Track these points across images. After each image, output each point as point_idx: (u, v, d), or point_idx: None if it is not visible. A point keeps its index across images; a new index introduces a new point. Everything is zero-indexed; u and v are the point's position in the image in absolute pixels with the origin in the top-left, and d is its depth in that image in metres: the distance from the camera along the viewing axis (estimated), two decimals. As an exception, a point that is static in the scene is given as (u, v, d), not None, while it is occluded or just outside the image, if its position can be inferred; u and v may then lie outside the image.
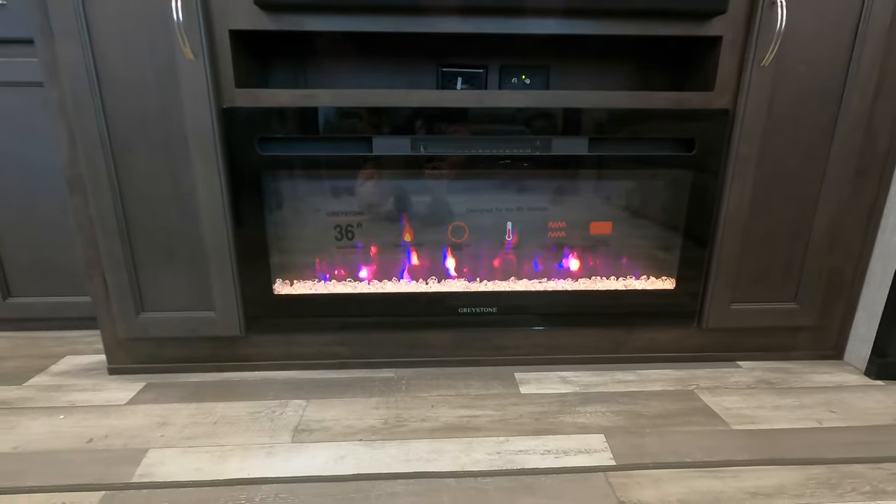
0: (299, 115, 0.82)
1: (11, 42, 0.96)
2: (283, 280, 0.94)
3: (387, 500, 0.64)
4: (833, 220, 0.91)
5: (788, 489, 0.67)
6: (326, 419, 0.81)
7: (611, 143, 0.87)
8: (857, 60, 0.82)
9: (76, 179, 0.84)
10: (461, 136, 0.85)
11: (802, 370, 0.98)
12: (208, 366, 0.96)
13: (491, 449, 0.74)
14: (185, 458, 0.72)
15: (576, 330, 0.98)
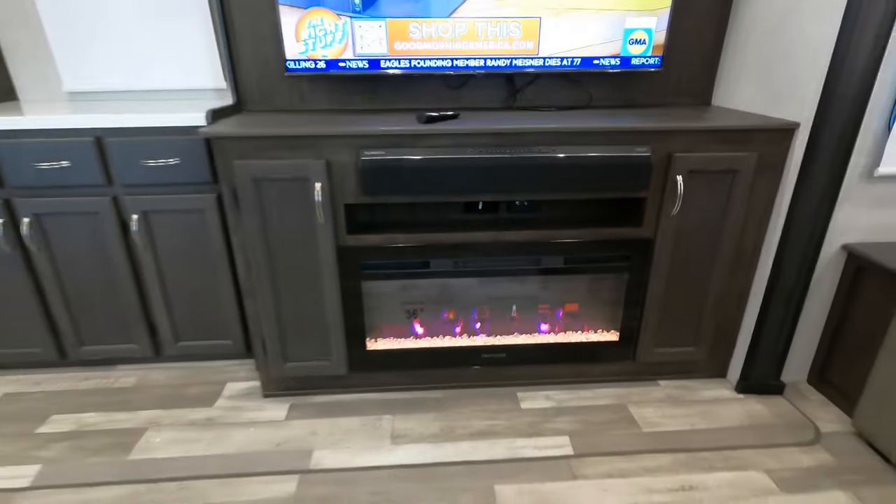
0: (384, 249, 1.33)
1: (185, 184, 1.44)
2: (371, 339, 1.48)
3: (450, 478, 1.21)
4: (717, 297, 1.45)
5: (665, 467, 1.24)
6: (406, 428, 1.38)
7: (579, 258, 1.40)
8: (731, 206, 1.34)
9: (250, 289, 1.36)
10: (484, 256, 1.37)
11: (697, 387, 1.55)
12: (326, 391, 1.52)
13: (505, 445, 1.32)
14: (336, 454, 1.29)
15: (555, 365, 1.54)
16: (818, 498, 1.16)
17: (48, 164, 1.39)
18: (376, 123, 1.28)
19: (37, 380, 1.61)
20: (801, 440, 1.33)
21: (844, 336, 1.43)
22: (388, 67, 1.43)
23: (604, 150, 1.24)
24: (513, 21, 1.40)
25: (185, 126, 1.37)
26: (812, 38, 1.21)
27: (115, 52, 1.77)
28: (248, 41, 1.53)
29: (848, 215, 1.33)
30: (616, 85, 1.60)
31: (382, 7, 1.36)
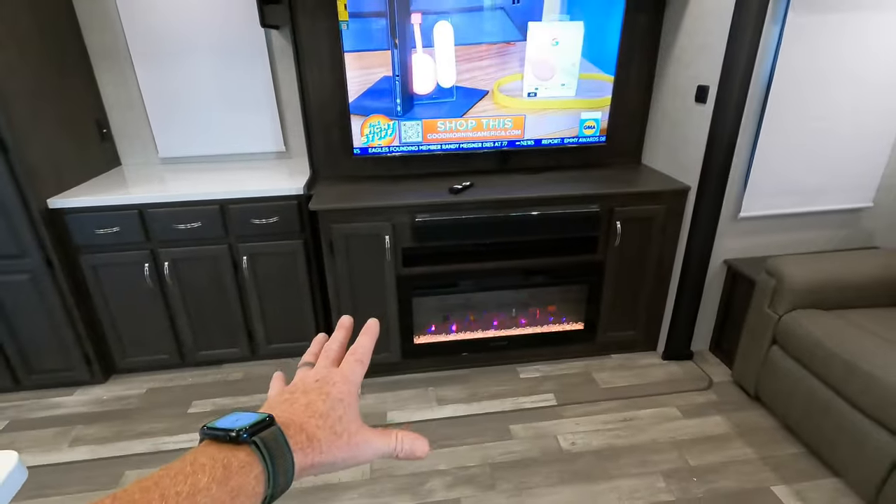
0: (427, 275, 1.99)
1: (281, 234, 2.05)
2: (417, 336, 2.14)
3: (480, 423, 1.89)
4: (647, 297, 2.18)
5: (614, 408, 1.96)
6: (446, 395, 2.05)
7: (555, 276, 2.09)
8: (652, 239, 2.05)
9: (337, 307, 1.99)
10: (493, 277, 2.05)
11: (636, 358, 2.28)
12: (386, 374, 2.17)
13: (512, 402, 2.00)
14: (402, 414, 1.94)
15: (541, 348, 2.24)
16: (705, 420, 1.90)
17: (184, 225, 1.98)
18: (420, 194, 1.93)
19: (168, 378, 2.20)
20: (699, 387, 2.08)
21: (729, 319, 2.18)
22: (423, 151, 2.08)
23: (570, 207, 1.93)
24: (506, 118, 2.07)
25: (284, 195, 1.98)
26: (695, 136, 1.93)
27: (199, 126, 2.34)
28: (320, 131, 2.14)
29: (724, 243, 2.07)
30: (575, 154, 2.29)
31: (417, 112, 2.01)
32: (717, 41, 1.77)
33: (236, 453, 0.31)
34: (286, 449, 0.33)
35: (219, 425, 0.32)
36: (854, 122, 1.90)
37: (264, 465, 0.31)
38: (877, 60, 1.80)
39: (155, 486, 0.28)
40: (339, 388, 0.39)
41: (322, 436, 0.36)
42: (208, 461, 0.30)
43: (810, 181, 1.98)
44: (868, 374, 1.47)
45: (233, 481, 0.30)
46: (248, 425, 0.32)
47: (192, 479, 0.29)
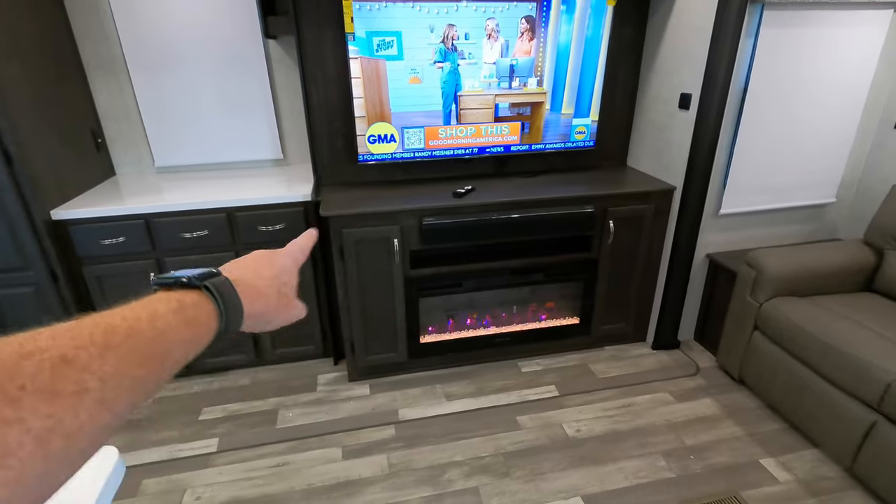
0: (434, 276, 2.07)
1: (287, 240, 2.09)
2: (423, 335, 2.21)
3: (488, 416, 1.98)
4: (637, 291, 2.32)
5: (612, 396, 2.09)
6: (453, 391, 2.13)
7: (553, 273, 2.21)
8: (642, 237, 2.19)
9: (346, 308, 2.04)
10: (495, 277, 2.15)
11: (628, 349, 2.42)
12: (393, 374, 2.23)
13: (517, 394, 2.10)
14: (413, 410, 2.01)
15: (541, 342, 2.35)
16: (696, 403, 2.05)
17: (191, 234, 2.00)
18: (425, 198, 2.01)
19: (173, 387, 2.20)
20: (688, 373, 2.23)
21: (711, 309, 2.35)
22: (425, 157, 2.16)
23: (567, 208, 2.05)
24: (504, 124, 2.18)
25: (292, 202, 2.02)
26: (679, 140, 2.08)
27: (196, 135, 2.35)
28: (324, 140, 2.19)
29: (707, 238, 2.23)
30: (567, 156, 2.42)
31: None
32: (698, 52, 1.92)
33: (189, 294, 0.36)
34: (234, 294, 0.38)
35: (170, 275, 0.37)
36: (819, 126, 2.09)
37: (215, 304, 0.36)
38: (838, 70, 2.00)
39: (115, 312, 0.30)
40: (282, 260, 0.47)
41: (270, 293, 0.43)
42: (163, 297, 0.34)
43: (782, 180, 2.16)
44: (842, 353, 1.64)
45: (187, 312, 0.34)
46: (198, 274, 0.37)
47: (151, 308, 0.32)
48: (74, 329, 0.27)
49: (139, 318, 0.31)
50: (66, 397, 0.24)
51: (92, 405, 0.25)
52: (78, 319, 0.28)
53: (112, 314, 0.30)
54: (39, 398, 0.23)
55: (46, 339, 0.25)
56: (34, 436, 0.22)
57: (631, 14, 2.20)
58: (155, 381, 0.31)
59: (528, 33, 2.04)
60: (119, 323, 0.29)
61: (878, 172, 2.20)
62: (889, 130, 2.14)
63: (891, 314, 1.80)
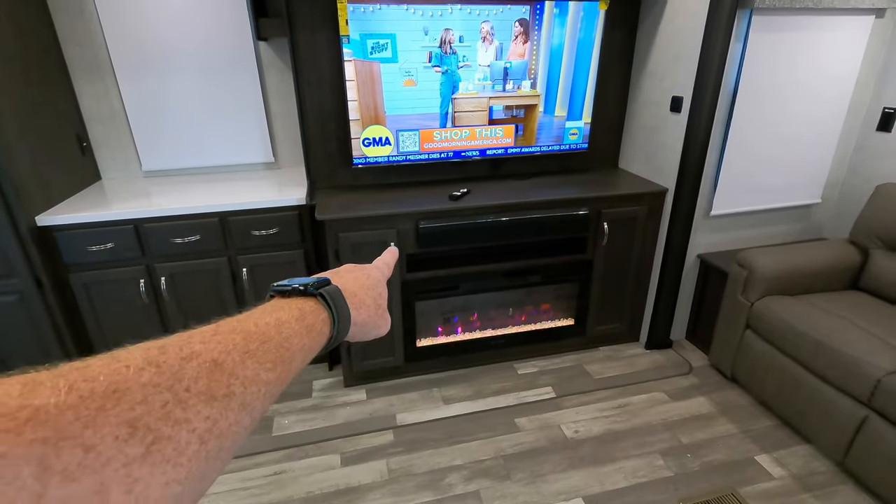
0: (430, 279, 2.06)
1: (281, 245, 2.06)
2: (419, 339, 2.20)
3: (487, 418, 1.98)
4: (630, 292, 2.35)
5: (608, 397, 2.10)
6: (451, 394, 2.12)
7: (548, 275, 2.21)
8: (635, 238, 2.22)
9: (342, 314, 2.02)
10: (491, 278, 2.15)
11: (622, 349, 2.44)
12: (389, 378, 2.21)
13: (514, 396, 2.11)
14: (411, 415, 2.00)
15: (536, 344, 2.36)
16: (690, 402, 2.08)
17: (182, 239, 1.96)
18: (421, 202, 2.00)
19: (164, 396, 2.14)
20: (681, 372, 2.26)
21: (703, 308, 2.38)
22: (419, 159, 2.15)
23: (562, 210, 2.06)
24: (499, 127, 2.18)
25: (287, 205, 1.99)
26: (671, 142, 2.11)
27: (185, 138, 2.31)
28: (318, 144, 2.17)
29: (698, 238, 2.27)
30: (560, 159, 2.43)
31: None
32: (689, 56, 1.95)
33: (307, 301, 0.37)
34: (344, 303, 0.40)
35: (286, 283, 0.39)
36: (805, 128, 2.14)
37: (329, 312, 0.38)
38: (823, 73, 2.05)
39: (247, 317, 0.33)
40: (376, 273, 0.49)
41: (369, 302, 0.45)
42: (285, 305, 0.36)
43: (770, 181, 2.21)
44: (832, 350, 1.68)
45: (307, 320, 0.36)
46: (313, 282, 0.39)
47: (276, 315, 0.34)
48: (219, 333, 0.29)
49: (268, 324, 0.32)
50: (219, 400, 0.26)
51: (237, 408, 0.27)
52: (217, 323, 0.30)
53: (246, 319, 0.32)
54: (200, 400, 0.25)
55: (199, 343, 0.27)
56: (198, 436, 0.24)
57: (622, 18, 2.23)
58: (281, 386, 0.32)
59: (521, 36, 2.05)
60: (253, 329, 0.31)
61: (862, 173, 2.26)
62: (871, 133, 2.21)
63: (877, 311, 1.85)
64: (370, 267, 0.50)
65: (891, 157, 2.14)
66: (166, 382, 0.23)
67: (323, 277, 0.41)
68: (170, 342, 0.26)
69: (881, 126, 2.16)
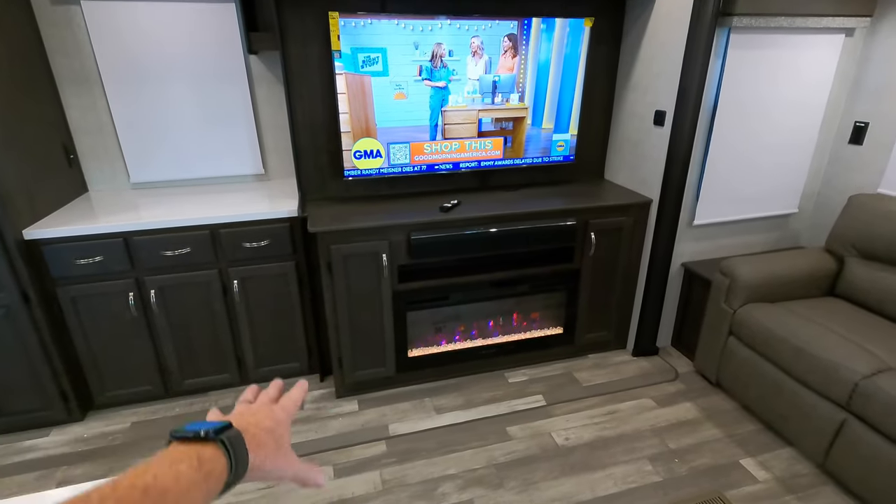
0: (421, 290, 2.08)
1: (272, 257, 2.06)
2: (411, 349, 2.22)
3: (479, 427, 2.00)
4: (617, 300, 2.39)
5: (597, 403, 2.14)
6: (443, 404, 2.14)
7: (537, 285, 2.25)
8: (621, 247, 2.27)
9: (335, 325, 2.03)
10: (481, 289, 2.18)
11: (610, 356, 2.49)
12: (381, 389, 2.22)
13: (506, 405, 2.13)
14: (404, 425, 2.01)
15: (526, 353, 2.39)
16: (677, 408, 2.12)
17: (172, 252, 1.95)
18: (413, 213, 2.03)
19: (152, 410, 2.12)
20: (667, 379, 2.31)
21: (687, 316, 2.44)
22: (409, 172, 2.18)
23: (551, 221, 2.11)
24: (488, 139, 2.23)
25: (278, 217, 2.00)
26: (655, 154, 2.18)
27: (174, 150, 2.31)
28: (310, 156, 2.19)
29: (682, 247, 2.33)
30: (548, 170, 2.48)
31: (406, 134, 2.11)
32: (671, 71, 2.02)
33: (205, 448, 0.40)
34: (243, 447, 0.43)
35: (188, 429, 0.41)
36: (781, 140, 2.22)
37: (227, 458, 0.40)
38: (797, 88, 2.14)
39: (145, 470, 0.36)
40: (279, 415, 0.50)
41: (269, 444, 0.46)
42: (184, 455, 0.38)
43: (750, 191, 2.28)
44: (812, 355, 1.74)
45: (206, 467, 0.38)
46: (214, 428, 0.41)
47: (176, 467, 0.37)
48: (119, 490, 0.33)
49: (167, 476, 0.35)
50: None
51: None
52: (116, 479, 0.34)
53: (144, 473, 0.35)
54: None
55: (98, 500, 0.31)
56: None
57: (607, 34, 2.30)
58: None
59: (510, 50, 2.10)
60: (152, 482, 0.34)
61: (836, 184, 2.35)
62: (844, 145, 2.30)
63: (853, 317, 1.92)
64: (276, 408, 0.51)
65: (863, 168, 2.23)
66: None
67: (224, 422, 0.43)
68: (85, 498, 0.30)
69: (853, 139, 2.26)
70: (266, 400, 0.53)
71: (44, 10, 1.98)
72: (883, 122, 2.14)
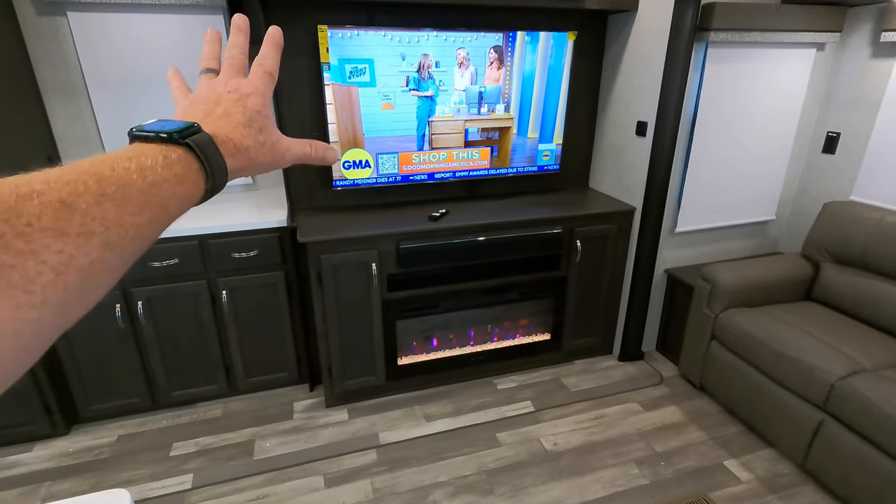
0: (410, 298, 2.10)
1: (262, 267, 2.06)
2: (400, 357, 2.23)
3: (469, 434, 2.02)
4: (603, 306, 2.44)
5: (585, 408, 2.17)
6: (432, 411, 2.15)
7: (525, 292, 2.29)
8: (606, 254, 2.32)
9: (324, 334, 2.04)
10: (470, 297, 2.20)
11: (597, 361, 2.53)
12: (370, 398, 2.23)
13: (495, 411, 2.15)
14: (394, 433, 2.02)
15: (515, 359, 2.42)
16: (662, 411, 2.17)
17: (160, 263, 1.94)
18: (402, 223, 2.05)
19: (139, 422, 2.10)
20: (653, 383, 2.36)
21: (671, 321, 2.50)
22: (398, 181, 2.20)
23: (537, 229, 2.15)
24: (475, 149, 2.26)
25: (267, 228, 2.01)
26: (637, 164, 2.23)
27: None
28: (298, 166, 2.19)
29: (665, 254, 2.39)
30: (534, 179, 2.53)
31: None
32: (652, 84, 2.08)
33: (173, 149, 0.32)
34: (218, 153, 0.35)
35: (147, 128, 0.33)
36: (758, 150, 2.30)
37: (200, 164, 0.33)
38: (772, 100, 2.22)
39: (101, 161, 0.28)
40: (254, 100, 0.40)
41: (249, 144, 0.38)
42: (148, 150, 0.31)
43: (729, 199, 2.35)
44: (790, 358, 1.80)
45: (175, 168, 0.32)
46: (178, 129, 0.33)
47: (138, 160, 0.30)
48: (67, 175, 0.26)
49: (128, 169, 0.29)
50: (73, 237, 0.25)
51: (99, 246, 0.26)
52: (62, 167, 0.27)
53: (100, 163, 0.28)
54: (48, 234, 0.24)
55: (41, 182, 0.25)
56: (51, 267, 0.23)
57: (590, 48, 2.36)
58: (157, 228, 0.30)
59: (496, 62, 2.14)
60: (109, 174, 0.28)
61: (811, 192, 2.44)
62: (818, 154, 2.39)
63: (829, 321, 1.99)
64: (244, 93, 0.40)
65: (836, 176, 2.31)
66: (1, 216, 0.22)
67: (190, 122, 0.35)
68: (6, 180, 0.24)
69: (826, 148, 2.34)
70: (232, 72, 0.42)
71: (30, 22, 1.97)
72: (853, 133, 2.22)
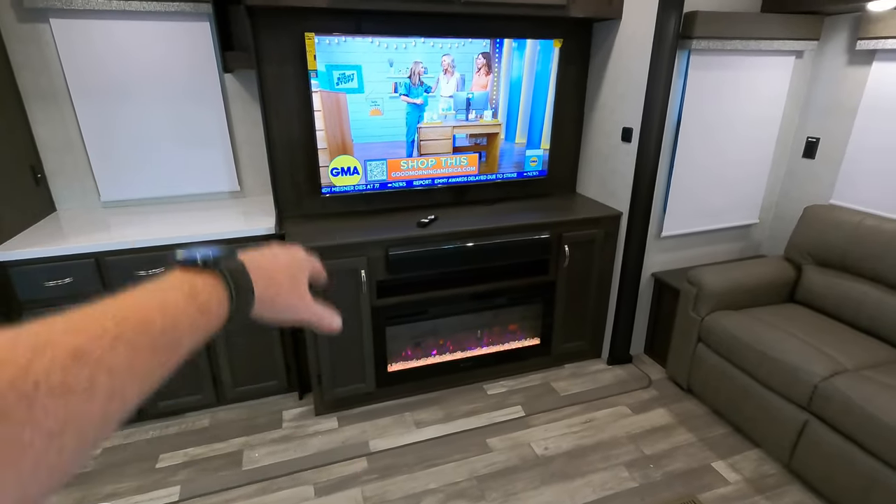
0: (400, 304, 2.10)
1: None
2: (390, 363, 2.22)
3: (459, 440, 2.02)
4: (591, 310, 2.46)
5: (576, 412, 2.18)
6: (423, 418, 2.15)
7: (514, 297, 2.30)
8: (594, 259, 2.34)
9: (313, 342, 2.02)
10: (459, 303, 2.21)
11: (586, 365, 2.54)
12: (360, 405, 2.21)
13: (486, 417, 2.15)
14: (384, 440, 2.01)
15: (504, 364, 2.42)
16: (651, 414, 2.19)
17: (146, 272, 1.92)
18: (390, 229, 2.05)
19: (124, 434, 2.06)
20: (641, 386, 2.38)
21: (658, 324, 2.52)
22: (386, 188, 2.21)
23: (526, 235, 2.16)
24: (463, 155, 2.27)
25: (256, 235, 1.99)
26: (623, 169, 2.26)
27: (146, 167, 2.28)
28: (286, 174, 2.19)
29: (652, 258, 2.42)
30: (522, 185, 2.55)
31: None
32: (636, 91, 2.11)
33: (203, 277, 0.36)
34: (247, 279, 0.39)
35: (188, 254, 0.37)
36: (741, 155, 2.34)
37: (227, 290, 0.37)
38: (754, 106, 2.26)
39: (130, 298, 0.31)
40: (300, 255, 0.48)
41: (282, 280, 0.43)
42: (177, 283, 0.35)
43: (713, 204, 2.39)
44: (774, 360, 1.83)
45: (200, 298, 0.35)
46: (214, 256, 0.38)
47: (163, 296, 0.33)
48: (88, 318, 0.27)
49: (150, 308, 0.30)
50: (78, 393, 0.24)
51: (103, 398, 0.25)
52: (90, 307, 0.28)
53: (124, 301, 0.30)
54: (52, 396, 0.23)
55: (60, 332, 0.25)
56: (46, 432, 0.23)
57: (575, 55, 2.39)
58: (164, 369, 0.31)
59: (484, 68, 2.16)
60: (130, 314, 0.29)
61: (792, 196, 2.49)
62: (798, 159, 2.44)
63: (811, 322, 2.03)
64: (295, 249, 0.49)
65: (816, 181, 2.37)
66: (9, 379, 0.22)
67: (228, 249, 0.39)
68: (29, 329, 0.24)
69: (806, 153, 2.40)
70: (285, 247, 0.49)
71: (11, 28, 1.94)
72: (832, 138, 2.28)
